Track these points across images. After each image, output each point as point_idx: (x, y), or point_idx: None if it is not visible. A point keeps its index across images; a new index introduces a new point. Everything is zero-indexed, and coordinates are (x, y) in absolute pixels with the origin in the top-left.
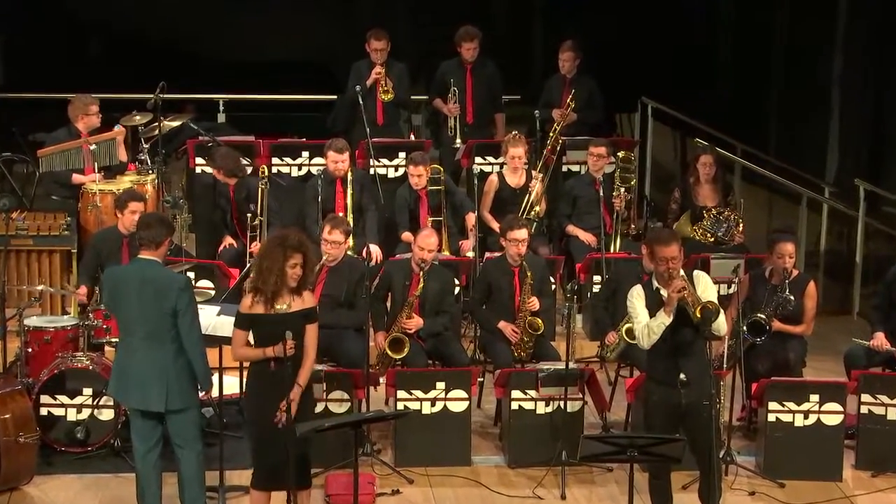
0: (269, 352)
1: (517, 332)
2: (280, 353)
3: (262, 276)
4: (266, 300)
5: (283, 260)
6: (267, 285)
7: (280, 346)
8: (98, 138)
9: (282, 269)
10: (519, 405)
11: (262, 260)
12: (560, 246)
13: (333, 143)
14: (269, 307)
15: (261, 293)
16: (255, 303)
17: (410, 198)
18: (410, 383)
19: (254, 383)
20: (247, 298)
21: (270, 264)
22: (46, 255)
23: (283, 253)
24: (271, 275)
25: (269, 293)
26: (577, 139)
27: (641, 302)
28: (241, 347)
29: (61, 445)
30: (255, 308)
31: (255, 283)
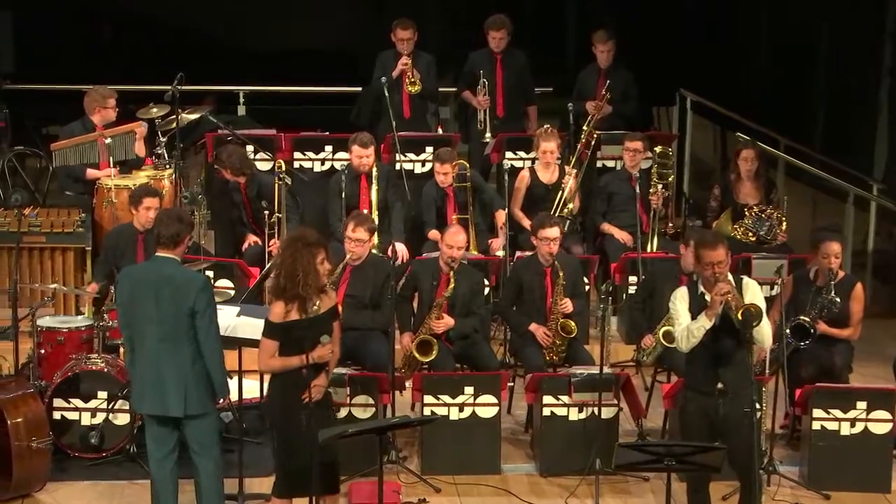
0: (312, 357)
1: (549, 335)
2: (320, 358)
3: (296, 280)
4: (301, 304)
5: (313, 258)
6: (308, 288)
7: (318, 352)
8: (114, 132)
9: (316, 269)
10: (551, 411)
11: (293, 265)
12: (594, 245)
13: (358, 137)
14: (304, 312)
15: (297, 298)
16: (289, 310)
17: (437, 195)
18: (438, 388)
19: (279, 387)
20: (277, 306)
21: (305, 266)
22: (60, 252)
23: (310, 251)
24: (308, 276)
25: (313, 294)
26: (613, 133)
27: (685, 305)
28: (272, 358)
29: (75, 451)
30: (289, 315)
31: (290, 290)
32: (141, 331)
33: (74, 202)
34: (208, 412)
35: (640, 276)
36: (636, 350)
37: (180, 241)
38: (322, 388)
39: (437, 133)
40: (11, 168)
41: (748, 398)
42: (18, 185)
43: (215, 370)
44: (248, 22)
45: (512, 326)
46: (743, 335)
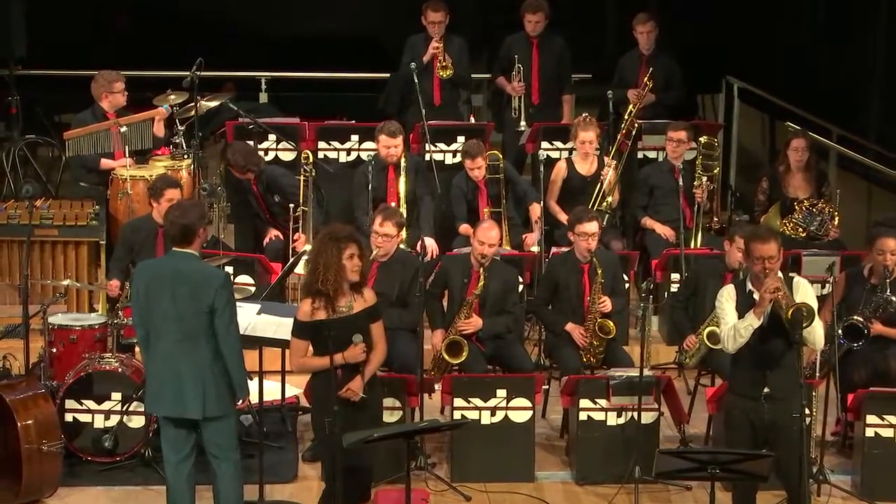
0: (339, 359)
1: (586, 336)
2: (351, 358)
3: (318, 275)
4: (327, 302)
5: (339, 253)
6: (327, 284)
7: (349, 352)
8: (130, 119)
9: (339, 264)
10: (588, 416)
11: (316, 259)
12: (634, 240)
13: (386, 125)
14: (332, 310)
15: (320, 295)
16: (315, 308)
17: (468, 187)
18: (468, 390)
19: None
20: (304, 304)
21: (326, 261)
22: (73, 246)
23: (336, 246)
24: (329, 272)
25: (331, 292)
26: (655, 122)
27: (731, 304)
28: (302, 358)
29: (87, 454)
30: (316, 314)
31: (313, 286)
32: (157, 329)
33: (88, 194)
34: (227, 414)
35: (682, 273)
36: (678, 352)
37: (193, 235)
38: (355, 392)
39: (469, 122)
40: (22, 157)
41: (797, 403)
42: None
43: (235, 369)
44: (270, 4)
45: (547, 326)
46: (792, 336)
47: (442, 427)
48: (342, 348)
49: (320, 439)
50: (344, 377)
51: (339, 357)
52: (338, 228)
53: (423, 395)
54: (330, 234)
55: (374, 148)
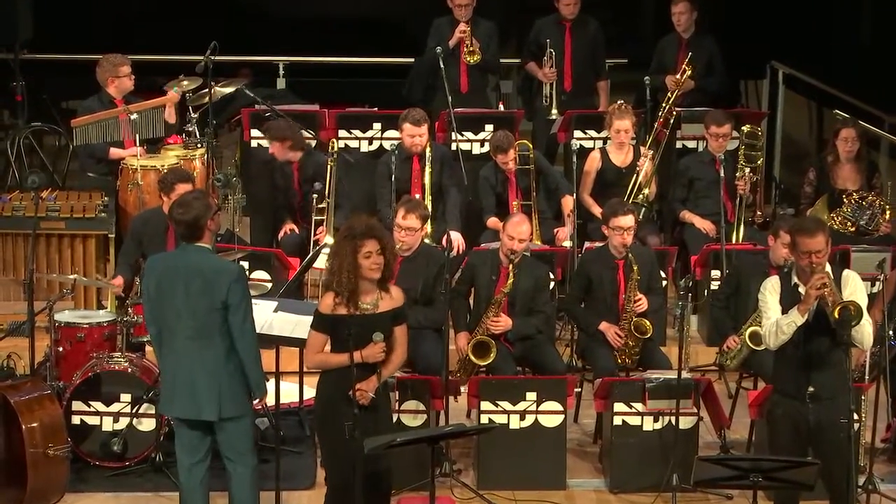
0: (356, 356)
1: (621, 336)
2: (370, 357)
3: (333, 274)
4: (349, 298)
5: (354, 251)
6: (341, 285)
7: (368, 350)
8: (140, 106)
9: (354, 263)
10: (623, 420)
11: (333, 255)
12: (672, 235)
13: (410, 113)
14: (352, 307)
15: (340, 295)
16: (336, 303)
17: (496, 178)
18: (496, 393)
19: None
20: (327, 297)
21: (340, 260)
22: (80, 240)
23: (351, 243)
24: (342, 271)
25: (346, 292)
26: (694, 110)
27: (775, 297)
28: (318, 353)
29: (95, 459)
30: (337, 309)
31: (330, 283)
32: (170, 327)
33: (96, 184)
34: (244, 414)
35: (723, 270)
36: (719, 353)
37: (200, 229)
38: (367, 394)
39: (498, 109)
40: (28, 146)
41: (845, 406)
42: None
43: (251, 368)
44: None
45: (580, 325)
46: (840, 335)
47: (468, 432)
48: (361, 347)
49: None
50: (357, 377)
51: (356, 355)
52: (356, 224)
53: (448, 397)
54: (347, 231)
55: (397, 137)
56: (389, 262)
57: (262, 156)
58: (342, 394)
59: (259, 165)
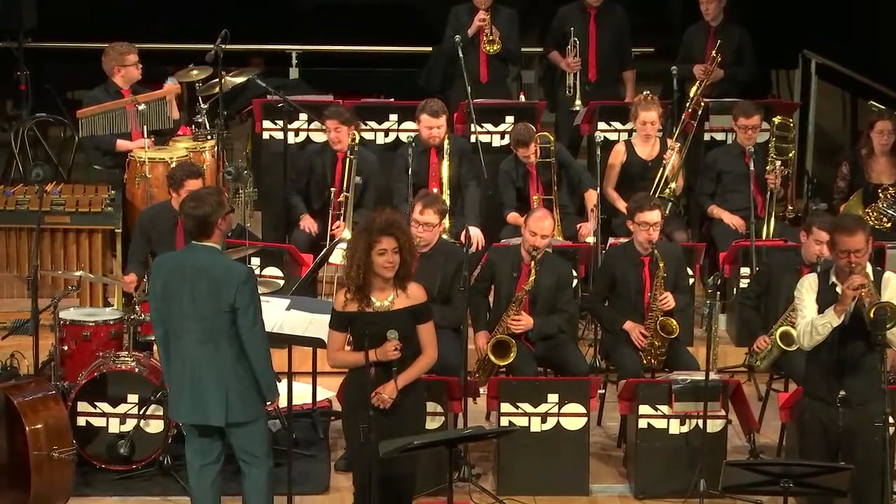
0: (371, 355)
1: (646, 335)
2: (383, 356)
3: (347, 268)
4: (360, 295)
5: (368, 247)
6: (350, 279)
7: (382, 348)
8: (148, 97)
9: (366, 259)
10: (648, 423)
11: (347, 250)
12: (700, 231)
13: (427, 104)
14: (364, 304)
15: (351, 291)
16: (347, 299)
17: (517, 172)
18: (517, 395)
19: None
20: (339, 294)
21: (352, 254)
22: (86, 235)
23: (367, 239)
24: (352, 266)
25: (355, 287)
26: (723, 101)
27: (812, 295)
28: (337, 351)
29: (101, 462)
30: (348, 306)
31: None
32: (177, 329)
33: (103, 177)
34: (255, 418)
35: (753, 267)
36: (748, 353)
37: (210, 227)
38: (384, 397)
39: (519, 100)
40: (32, 138)
41: (878, 411)
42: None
43: (262, 372)
44: None
45: (603, 325)
46: (874, 337)
47: (488, 435)
48: (377, 346)
49: (352, 446)
50: (378, 377)
51: (372, 354)
52: (378, 218)
53: (466, 399)
54: (365, 225)
55: (414, 129)
56: (407, 261)
57: (273, 147)
58: (361, 395)
59: (271, 157)
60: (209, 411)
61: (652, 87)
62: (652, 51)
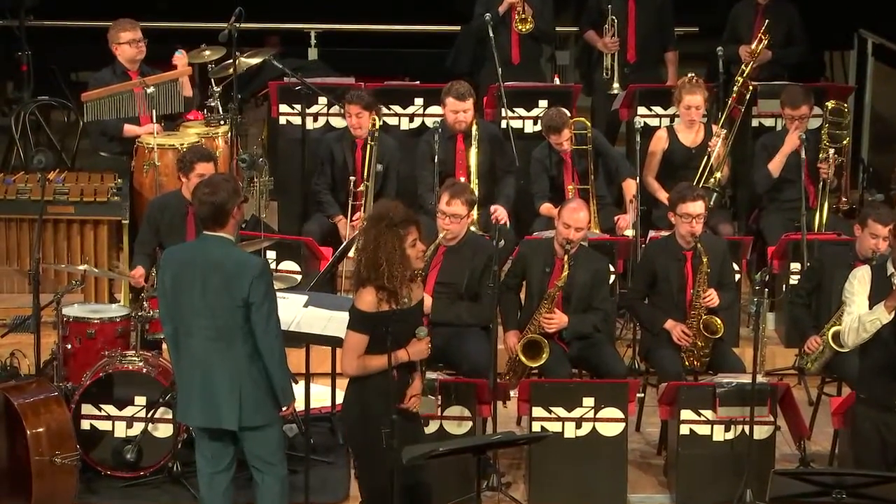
0: (402, 355)
1: (689, 335)
2: (417, 355)
3: (379, 269)
4: (391, 295)
5: (401, 241)
6: (393, 279)
7: (416, 347)
8: (157, 79)
9: (403, 255)
10: (690, 429)
11: (375, 251)
12: (748, 223)
13: (453, 86)
14: (394, 302)
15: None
16: (380, 299)
17: (550, 160)
18: (550, 398)
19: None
20: (368, 294)
21: (390, 252)
22: (91, 226)
23: (396, 234)
24: (394, 266)
25: (396, 286)
26: (773, 85)
27: (864, 288)
28: (363, 357)
29: (107, 468)
30: (381, 306)
31: (377, 280)
32: (187, 326)
33: (109, 165)
34: (269, 423)
35: (804, 262)
36: (798, 355)
37: (225, 216)
38: (420, 398)
39: (553, 83)
40: (34, 123)
41: None
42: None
43: (277, 372)
44: None
45: (643, 323)
46: None
47: (518, 441)
48: (403, 344)
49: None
50: (400, 379)
51: (401, 353)
52: (393, 210)
53: (496, 402)
54: (387, 220)
55: (440, 114)
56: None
57: (291, 134)
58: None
59: (288, 143)
60: (221, 414)
61: (696, 69)
62: (696, 30)
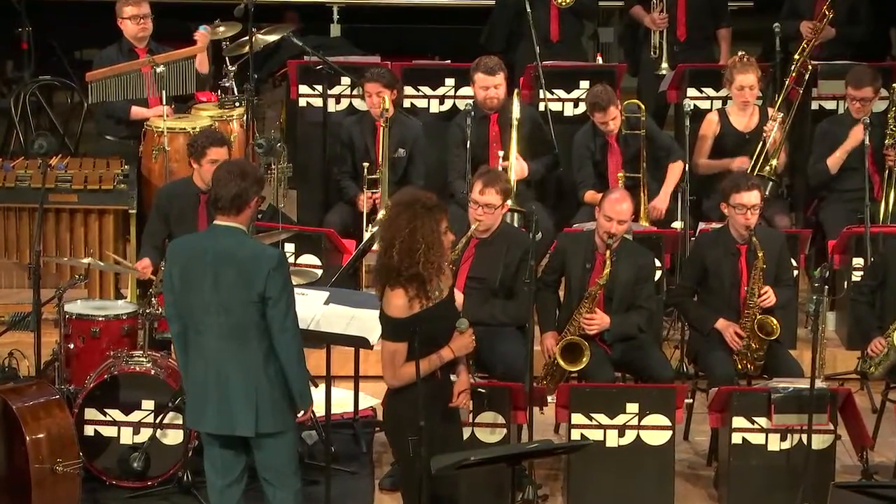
0: (447, 354)
1: (742, 336)
2: (463, 349)
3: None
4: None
5: (437, 226)
6: (430, 267)
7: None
8: (167, 57)
9: (440, 241)
10: (743, 438)
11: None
12: (807, 215)
13: (481, 61)
14: (424, 298)
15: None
16: (410, 298)
17: (595, 144)
18: (591, 404)
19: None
20: (397, 297)
21: (429, 237)
22: (96, 216)
23: (433, 218)
24: (432, 250)
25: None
26: (835, 64)
27: None
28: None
29: (111, 477)
30: (413, 307)
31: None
32: (197, 324)
33: (115, 150)
34: (286, 429)
35: (867, 257)
36: (861, 358)
37: (245, 204)
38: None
39: (596, 62)
40: (35, 104)
41: None
42: (44, 126)
43: (294, 374)
44: None
45: (691, 323)
46: None
47: (557, 450)
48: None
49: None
50: (444, 379)
51: (447, 352)
52: (424, 196)
53: (532, 409)
54: (421, 203)
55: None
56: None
57: (311, 116)
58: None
59: (308, 127)
60: (235, 420)
61: (750, 47)
62: (751, 5)
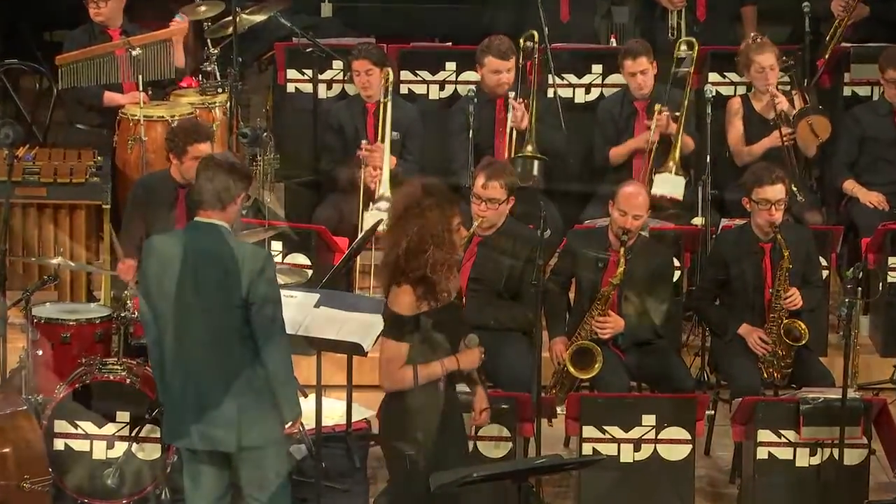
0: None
1: (767, 342)
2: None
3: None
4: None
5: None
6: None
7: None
8: (144, 39)
9: (451, 238)
10: (769, 453)
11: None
12: (838, 211)
13: (493, 43)
14: (432, 298)
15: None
16: (418, 296)
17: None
18: (603, 416)
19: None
20: (405, 294)
21: (437, 237)
22: (66, 211)
23: (443, 213)
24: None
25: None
26: (869, 47)
27: None
28: (405, 368)
29: (83, 496)
30: (421, 305)
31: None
32: (174, 329)
33: (88, 139)
34: (272, 443)
35: None
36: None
37: (231, 199)
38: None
39: (610, 44)
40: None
41: None
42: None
43: (281, 383)
44: None
45: (713, 328)
46: None
47: (566, 465)
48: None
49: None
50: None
51: (451, 362)
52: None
53: (540, 420)
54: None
55: (476, 80)
56: None
57: (300, 103)
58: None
59: (297, 114)
60: (217, 434)
61: (777, 27)
62: None
